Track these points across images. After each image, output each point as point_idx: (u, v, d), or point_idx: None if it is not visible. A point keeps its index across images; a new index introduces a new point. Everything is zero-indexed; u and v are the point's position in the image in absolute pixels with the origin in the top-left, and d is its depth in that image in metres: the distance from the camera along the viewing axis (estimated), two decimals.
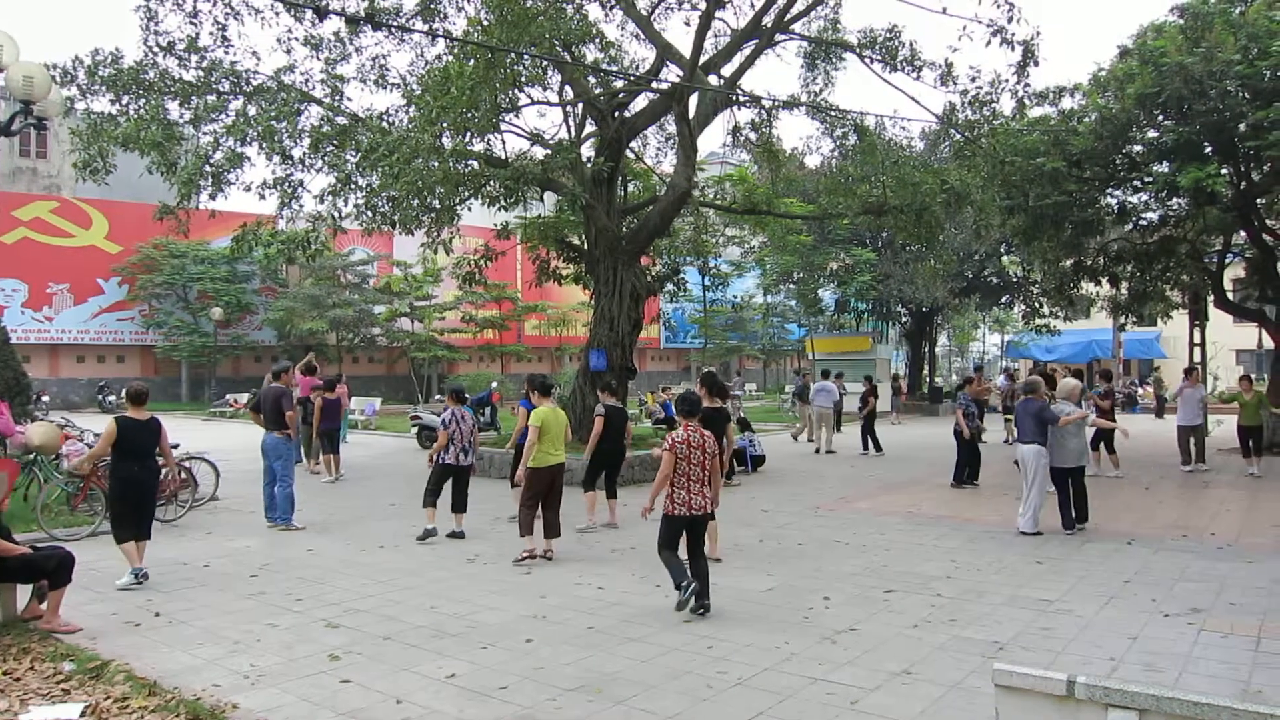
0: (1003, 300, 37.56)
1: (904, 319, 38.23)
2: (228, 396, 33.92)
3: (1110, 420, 14.11)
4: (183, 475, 11.69)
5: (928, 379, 39.60)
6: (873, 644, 6.29)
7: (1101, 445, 15.37)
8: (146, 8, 14.90)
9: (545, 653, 6.17)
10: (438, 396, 34.49)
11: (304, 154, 15.41)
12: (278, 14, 15.32)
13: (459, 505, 10.48)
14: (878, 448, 19.53)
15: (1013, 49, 15.92)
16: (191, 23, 15.15)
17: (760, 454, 16.94)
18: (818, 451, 20.03)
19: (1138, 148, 17.62)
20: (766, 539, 10.23)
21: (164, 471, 11.21)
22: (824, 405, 20.40)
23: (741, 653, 6.12)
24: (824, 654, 6.09)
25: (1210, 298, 21.51)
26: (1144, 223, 20.36)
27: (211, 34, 15.31)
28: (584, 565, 8.88)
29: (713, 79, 17.32)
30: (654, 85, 17.46)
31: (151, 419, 8.20)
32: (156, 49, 15.13)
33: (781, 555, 9.35)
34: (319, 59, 16.31)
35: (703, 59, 16.51)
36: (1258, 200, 18.37)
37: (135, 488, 8.02)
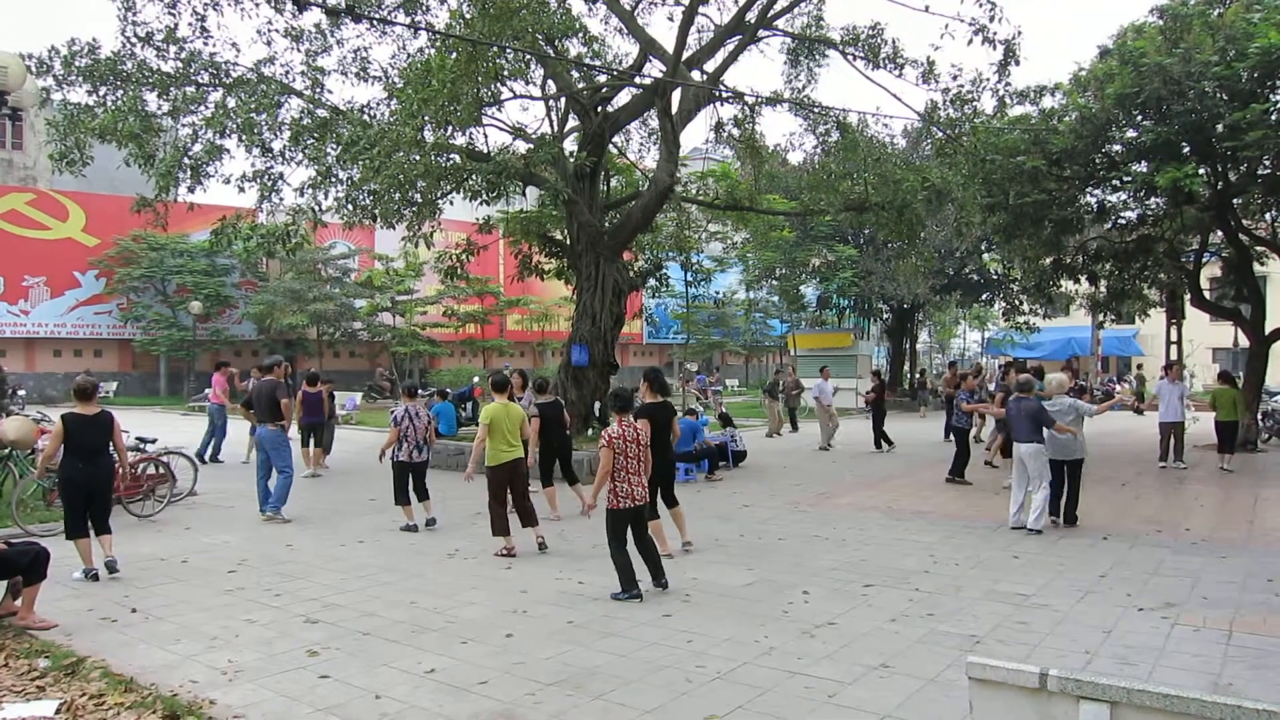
0: (983, 297, 37.76)
1: (885, 315, 38.38)
2: (206, 391, 33.61)
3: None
4: (160, 470, 11.63)
5: (908, 375, 39.79)
6: (851, 638, 6.33)
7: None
8: None
9: (525, 647, 6.17)
10: (420, 392, 34.32)
11: (284, 147, 15.34)
12: (258, 5, 15.22)
13: (422, 494, 10.79)
14: (888, 443, 19.43)
15: (994, 48, 16.02)
16: (170, 13, 15.05)
17: (742, 449, 16.98)
18: (823, 448, 19.78)
19: (1117, 147, 17.73)
20: (747, 534, 10.26)
21: (138, 467, 11.32)
22: (823, 401, 20.38)
23: (720, 647, 6.14)
24: (803, 648, 6.12)
25: (1187, 296, 21.73)
26: (1122, 221, 20.51)
27: (190, 25, 15.23)
28: (564, 560, 8.89)
29: (696, 74, 17.33)
30: (637, 80, 17.44)
31: (101, 413, 8.02)
32: (134, 39, 15.01)
33: (761, 550, 9.38)
34: (299, 51, 16.25)
35: (686, 54, 16.51)
36: (1234, 200, 18.54)
37: (81, 485, 7.86)
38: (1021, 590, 7.61)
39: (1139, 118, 16.65)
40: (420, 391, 13.26)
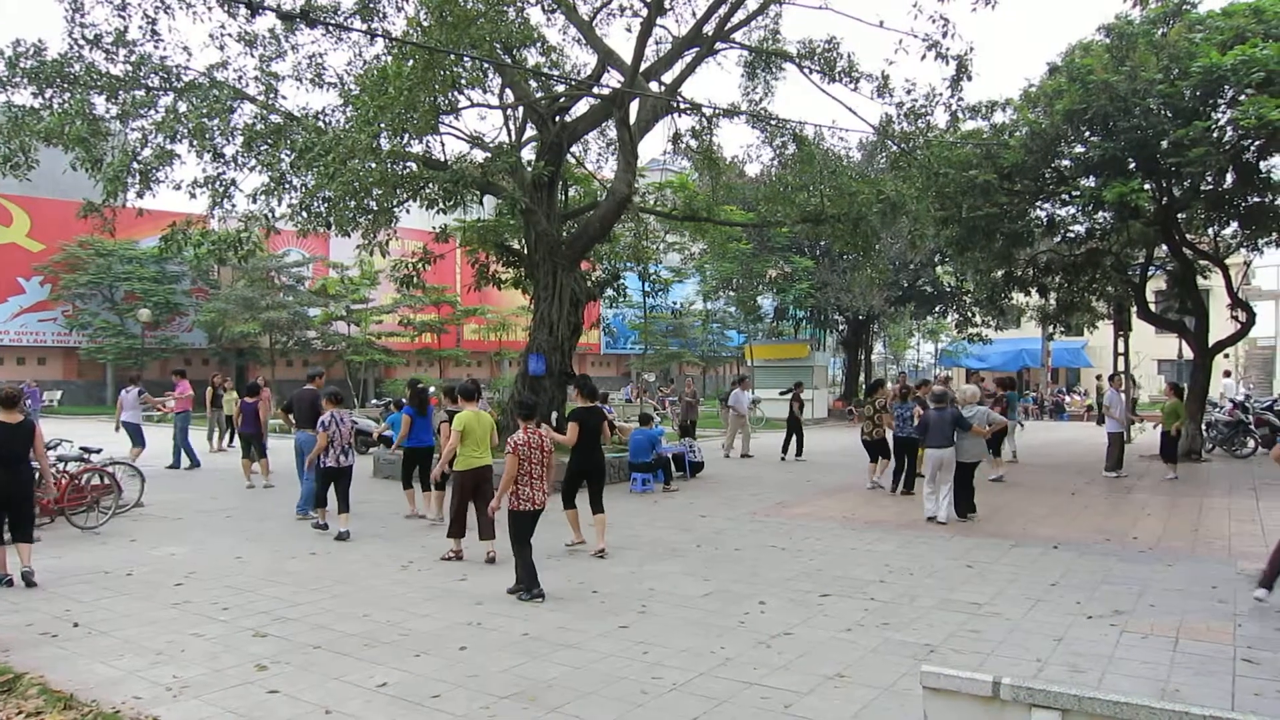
0: (937, 309, 38.34)
1: (841, 327, 38.77)
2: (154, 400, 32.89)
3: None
4: (105, 481, 11.35)
5: (863, 386, 40.19)
6: (807, 648, 6.35)
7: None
8: None
9: (479, 660, 6.10)
10: (374, 401, 33.99)
11: (236, 152, 15.10)
12: (210, 9, 14.98)
13: (344, 506, 10.77)
14: (798, 452, 19.79)
15: (947, 63, 16.27)
16: (120, 15, 14.78)
17: (699, 460, 17.01)
18: (726, 456, 20.31)
19: (1066, 162, 18.10)
20: (704, 544, 10.26)
21: (82, 477, 11.07)
22: (737, 410, 20.71)
23: (677, 658, 6.12)
24: (759, 658, 6.12)
25: (1133, 309, 22.20)
26: (1071, 235, 20.91)
27: (141, 27, 14.96)
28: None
29: (654, 85, 17.38)
30: (595, 90, 17.45)
31: (24, 422, 7.99)
32: (82, 41, 14.71)
33: (718, 560, 9.39)
34: (253, 56, 16.03)
35: (644, 65, 16.56)
36: (1178, 215, 18.98)
37: (1, 492, 7.88)
38: (974, 599, 7.68)
39: (1087, 134, 17.02)
40: (375, 401, 13.40)
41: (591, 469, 9.75)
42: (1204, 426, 20.27)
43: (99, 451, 12.06)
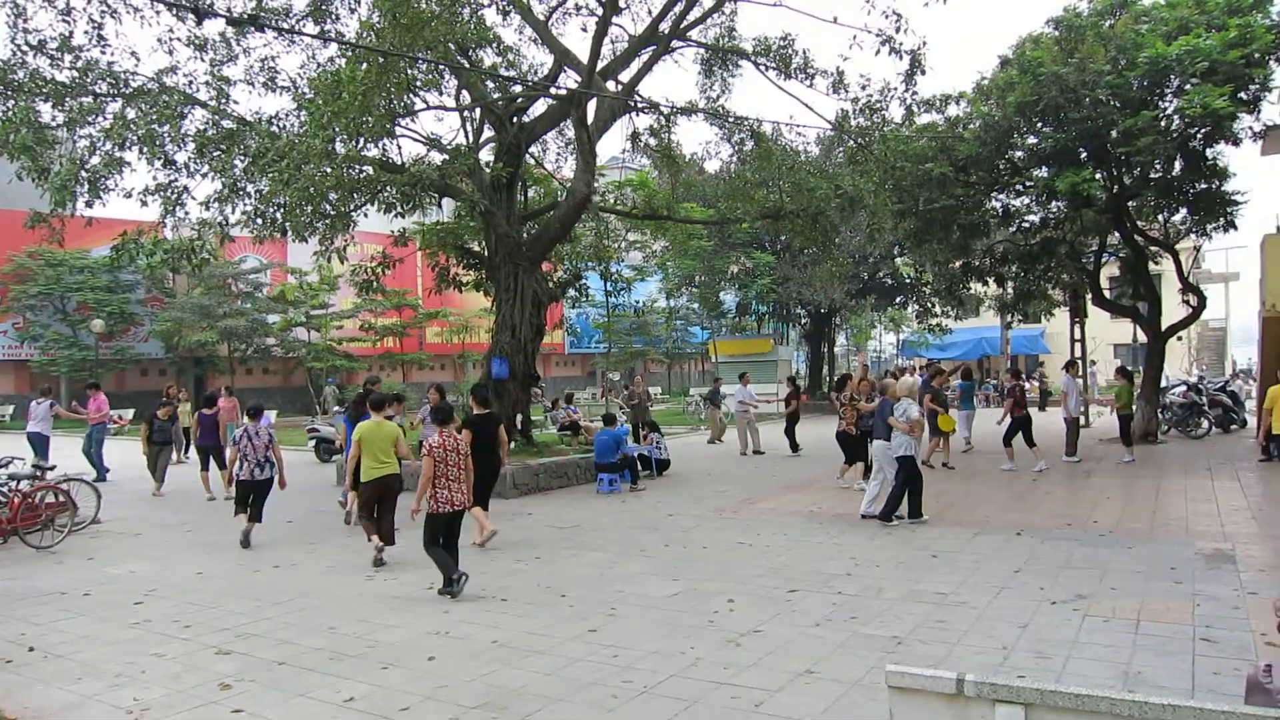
0: (897, 301, 38.71)
1: (803, 320, 39.01)
2: (112, 413, 32.28)
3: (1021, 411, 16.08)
4: (59, 498, 11.12)
5: (828, 379, 40.49)
6: (776, 645, 6.37)
7: (1019, 437, 15.98)
8: (14, 4, 14.16)
9: (448, 670, 6.04)
10: (336, 409, 33.60)
11: (189, 159, 14.87)
12: (158, 13, 14.74)
13: (256, 516, 10.82)
14: (793, 448, 19.63)
15: (901, 58, 16.42)
16: (64, 20, 14.48)
17: (665, 458, 17.01)
18: (751, 452, 20.15)
19: (1019, 153, 18.35)
20: (672, 543, 10.27)
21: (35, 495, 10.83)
22: (746, 404, 20.64)
23: (647, 660, 6.11)
24: (729, 657, 6.13)
25: (1088, 295, 22.57)
26: (1026, 225, 21.20)
27: (86, 33, 14.69)
28: (487, 579, 8.75)
29: (611, 85, 17.35)
30: (552, 91, 17.39)
31: None
32: (26, 47, 14.41)
33: (686, 559, 9.39)
34: (203, 60, 15.78)
35: (601, 65, 16.53)
36: (1129, 203, 19.33)
37: None
38: (940, 589, 7.76)
39: (1039, 125, 17.27)
40: (338, 408, 13.44)
41: (486, 473, 10.10)
42: (1159, 409, 20.66)
43: (53, 468, 11.82)
